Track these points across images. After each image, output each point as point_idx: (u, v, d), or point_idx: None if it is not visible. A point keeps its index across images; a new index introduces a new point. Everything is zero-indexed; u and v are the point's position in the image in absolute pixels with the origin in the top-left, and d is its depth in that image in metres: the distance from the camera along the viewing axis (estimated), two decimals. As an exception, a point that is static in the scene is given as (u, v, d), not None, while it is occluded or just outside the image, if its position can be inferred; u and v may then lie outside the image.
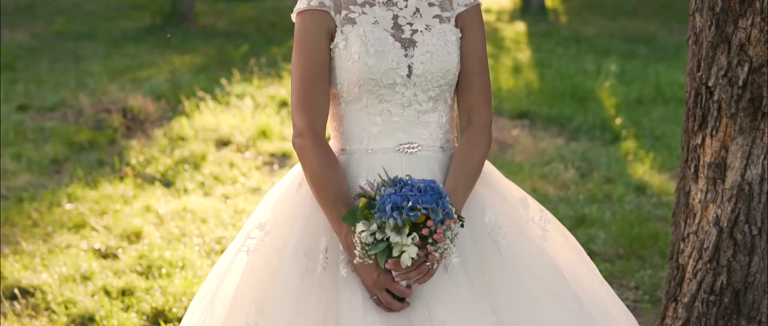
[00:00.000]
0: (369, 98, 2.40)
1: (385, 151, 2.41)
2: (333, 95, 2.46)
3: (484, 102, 2.46)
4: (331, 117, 2.50)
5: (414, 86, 2.40)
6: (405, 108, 2.40)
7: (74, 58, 11.23)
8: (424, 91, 2.41)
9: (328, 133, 2.49)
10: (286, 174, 2.61)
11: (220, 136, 7.12)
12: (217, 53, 11.40)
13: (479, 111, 2.46)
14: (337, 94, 2.45)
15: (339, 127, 2.48)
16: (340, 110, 2.46)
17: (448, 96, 2.48)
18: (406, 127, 2.41)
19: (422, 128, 2.42)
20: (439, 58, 2.39)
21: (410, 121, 2.41)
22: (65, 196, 5.82)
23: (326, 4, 2.41)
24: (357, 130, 2.43)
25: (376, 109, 2.40)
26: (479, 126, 2.45)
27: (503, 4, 16.14)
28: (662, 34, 14.01)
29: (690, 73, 2.86)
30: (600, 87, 9.34)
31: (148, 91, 8.65)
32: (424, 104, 2.42)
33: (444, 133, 2.47)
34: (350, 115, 2.44)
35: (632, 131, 7.55)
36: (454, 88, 2.48)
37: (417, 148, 2.42)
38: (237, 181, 6.16)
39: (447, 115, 2.48)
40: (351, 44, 2.38)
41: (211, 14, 15.08)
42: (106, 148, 6.97)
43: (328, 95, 2.43)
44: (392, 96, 2.39)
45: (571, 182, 6.19)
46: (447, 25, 2.44)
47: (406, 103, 2.40)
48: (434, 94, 2.42)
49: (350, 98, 2.42)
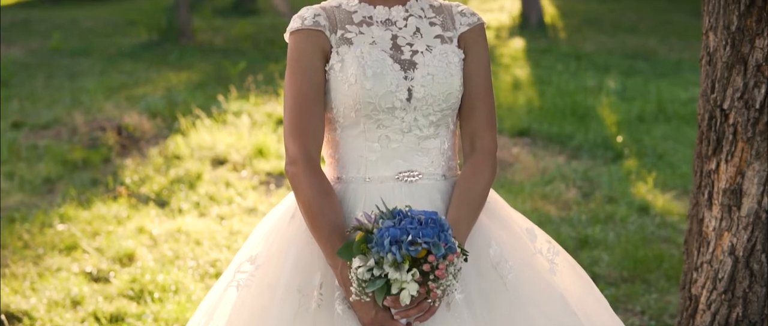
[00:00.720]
0: (366, 123, 2.26)
1: (384, 179, 2.28)
2: (328, 120, 2.33)
3: (488, 127, 2.33)
4: (326, 143, 2.36)
5: (414, 110, 2.26)
6: (405, 133, 2.27)
7: (70, 74, 11.14)
8: (425, 116, 2.27)
9: (322, 160, 2.36)
10: (279, 203, 2.48)
11: (216, 155, 7.01)
12: (215, 70, 11.31)
13: (483, 136, 2.32)
14: (332, 118, 2.31)
15: (334, 154, 2.34)
16: (335, 136, 2.32)
17: (451, 121, 2.34)
18: (406, 153, 2.28)
19: (423, 155, 2.29)
20: (441, 81, 2.26)
21: (410, 147, 2.28)
22: (57, 217, 5.70)
23: (321, 24, 2.28)
24: (354, 157, 2.29)
25: (374, 134, 2.27)
26: (483, 152, 2.32)
27: (502, 21, 16.06)
28: (662, 50, 13.94)
29: (703, 94, 2.72)
30: (601, 104, 9.24)
31: (144, 108, 8.55)
32: (425, 129, 2.28)
33: (446, 160, 2.34)
34: (346, 141, 2.30)
35: (634, 149, 7.45)
36: (456, 112, 2.35)
37: (417, 177, 2.28)
38: (233, 201, 6.04)
39: (449, 140, 2.34)
40: (347, 66, 2.24)
41: (208, 30, 15.00)
42: (101, 167, 6.86)
43: (322, 120, 2.29)
44: (391, 121, 2.26)
45: (573, 202, 6.07)
46: (449, 46, 2.31)
47: (405, 129, 2.27)
48: (436, 119, 2.29)
49: (346, 123, 2.29)
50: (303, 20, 2.29)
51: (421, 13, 2.35)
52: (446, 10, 2.39)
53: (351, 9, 2.32)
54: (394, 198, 2.22)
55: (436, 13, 2.37)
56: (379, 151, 2.27)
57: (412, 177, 2.28)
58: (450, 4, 2.41)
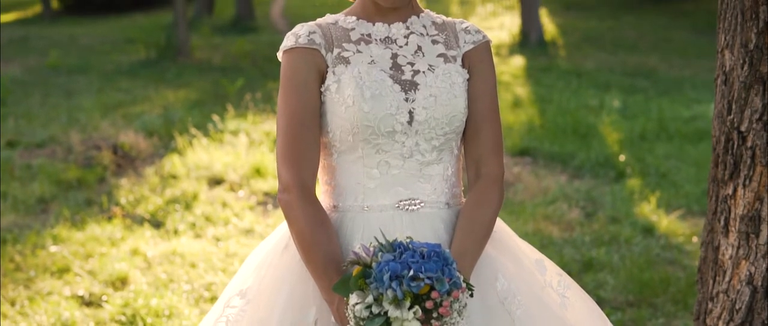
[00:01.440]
0: (365, 148, 2.11)
1: (383, 208, 2.12)
2: (324, 144, 2.17)
3: (494, 151, 2.18)
4: (322, 169, 2.20)
5: (416, 134, 2.11)
6: (405, 159, 2.12)
7: (67, 92, 11.05)
8: (428, 140, 2.12)
9: (318, 187, 2.20)
10: (271, 233, 2.33)
11: (213, 174, 6.90)
12: (212, 88, 11.22)
13: (489, 162, 2.17)
14: (328, 143, 2.16)
15: (331, 181, 2.19)
16: (331, 161, 2.17)
17: (454, 145, 2.19)
18: (407, 180, 2.13)
19: (425, 182, 2.14)
20: (444, 103, 2.11)
21: (411, 173, 2.13)
22: (51, 238, 5.58)
23: (316, 42, 2.14)
24: (351, 184, 2.14)
25: (373, 160, 2.12)
26: (489, 179, 2.16)
27: (502, 39, 15.99)
28: (663, 67, 13.87)
29: (719, 115, 2.60)
30: (602, 122, 9.14)
31: (140, 127, 8.45)
32: (428, 155, 2.13)
33: (450, 187, 2.18)
34: (343, 166, 2.15)
35: (636, 168, 7.34)
36: (460, 136, 2.20)
37: (419, 205, 2.13)
38: (229, 222, 5.93)
39: (453, 166, 2.19)
40: (344, 87, 2.10)
41: (206, 48, 14.93)
42: (95, 187, 6.74)
43: (318, 144, 2.14)
44: (391, 145, 2.11)
45: (576, 223, 5.96)
46: (453, 65, 2.17)
47: (406, 154, 2.12)
48: (439, 144, 2.14)
49: (343, 148, 2.14)
50: (297, 38, 2.15)
51: (422, 30, 2.21)
52: (450, 27, 2.25)
53: (348, 26, 2.18)
54: (394, 229, 2.08)
55: (438, 30, 2.23)
56: (378, 177, 2.13)
57: (413, 206, 2.13)
58: (453, 20, 2.28)
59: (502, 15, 20.45)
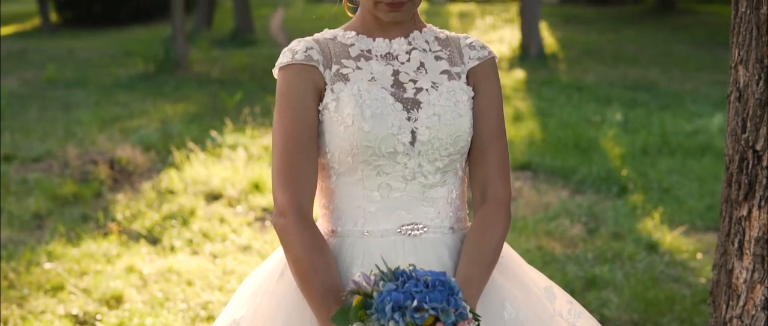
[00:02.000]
0: (365, 170, 1.99)
1: (384, 233, 2.01)
2: (322, 166, 2.06)
3: (501, 173, 2.06)
4: (320, 192, 2.09)
5: (418, 155, 1.99)
6: (408, 181, 2.01)
7: (64, 106, 10.99)
8: (431, 162, 2.01)
9: (315, 211, 2.10)
10: (267, 259, 2.21)
11: (211, 189, 6.82)
12: (211, 101, 11.16)
13: (496, 184, 2.05)
14: (326, 164, 2.04)
15: (329, 204, 2.07)
16: (330, 184, 2.05)
17: (459, 166, 2.07)
18: (409, 204, 2.01)
19: (428, 205, 2.03)
20: (449, 122, 2.00)
21: (414, 197, 2.02)
22: (45, 254, 5.49)
23: (314, 58, 2.02)
24: (350, 208, 2.03)
25: (374, 182, 2.00)
26: (496, 202, 2.04)
27: (502, 52, 15.95)
28: (663, 81, 13.82)
29: (732, 133, 2.50)
30: (603, 136, 9.07)
31: (138, 141, 8.38)
32: (431, 177, 2.02)
33: (454, 211, 2.07)
34: (342, 189, 2.03)
35: (639, 183, 7.26)
36: (465, 157, 2.08)
37: (422, 230, 2.02)
38: (226, 238, 5.84)
39: (457, 189, 2.08)
40: (343, 105, 1.97)
41: (205, 61, 14.88)
42: (91, 202, 6.66)
43: (315, 166, 2.01)
44: (393, 167, 1.99)
45: (579, 239, 5.87)
46: (457, 83, 2.05)
47: (409, 176, 2.00)
48: (442, 165, 2.02)
49: (342, 170, 2.02)
50: (294, 54, 2.03)
51: (425, 46, 2.10)
52: (454, 42, 2.14)
53: (347, 41, 2.08)
54: (396, 255, 1.97)
55: (442, 46, 2.12)
56: (379, 201, 2.01)
57: (416, 231, 2.02)
58: (458, 36, 2.17)
59: (502, 28, 20.43)
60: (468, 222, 2.14)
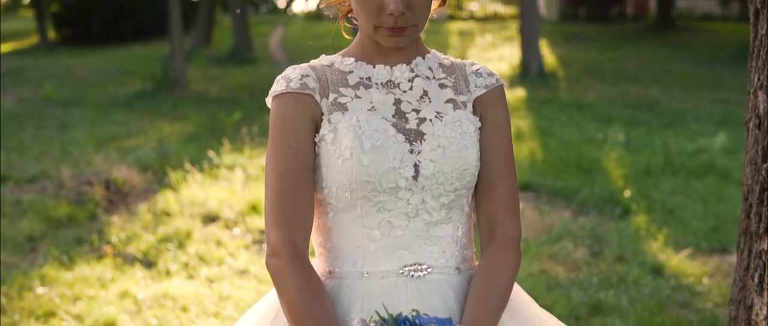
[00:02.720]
0: (364, 206, 1.85)
1: (386, 274, 1.86)
2: (318, 202, 1.91)
3: (510, 209, 1.91)
4: (316, 230, 1.94)
5: (422, 191, 1.85)
6: (410, 219, 1.86)
7: (60, 125, 10.90)
8: (435, 197, 1.86)
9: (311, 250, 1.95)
10: (259, 301, 2.06)
11: (208, 211, 6.71)
12: (209, 120, 11.07)
13: (504, 221, 1.90)
14: (323, 200, 1.90)
15: (326, 243, 1.93)
16: (327, 221, 1.91)
17: (465, 202, 1.93)
18: (412, 243, 1.86)
19: (433, 244, 1.88)
20: (454, 155, 1.85)
21: (417, 235, 1.87)
22: (38, 278, 5.38)
23: (310, 86, 1.88)
24: (349, 248, 1.88)
25: (374, 220, 1.85)
26: (505, 240, 1.89)
27: (502, 70, 15.88)
28: (664, 99, 13.77)
29: (751, 162, 2.37)
30: (606, 156, 8.97)
31: (134, 161, 8.27)
32: (435, 214, 1.87)
33: (460, 250, 1.93)
34: (340, 227, 1.89)
35: (642, 204, 7.16)
36: (472, 191, 1.94)
37: (426, 271, 1.87)
38: (223, 262, 5.72)
39: (464, 226, 1.94)
40: (341, 137, 1.83)
41: (203, 80, 14.81)
42: (86, 224, 6.54)
43: (311, 202, 1.87)
44: (394, 203, 1.84)
45: (582, 262, 5.76)
46: (463, 112, 1.90)
47: (412, 213, 1.86)
48: (448, 201, 1.88)
49: (340, 206, 1.87)
50: (288, 82, 1.90)
51: (429, 73, 1.95)
52: (459, 69, 2.00)
53: (346, 69, 1.93)
54: (398, 299, 1.82)
55: (446, 73, 1.98)
56: (379, 239, 1.86)
57: (419, 272, 1.87)
58: (463, 62, 2.03)
59: (502, 46, 20.39)
60: (475, 261, 2.00)
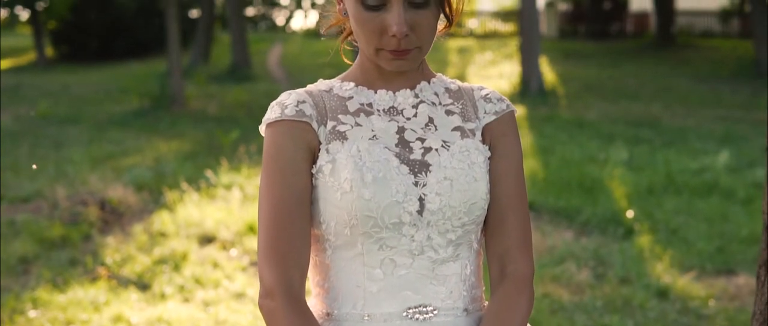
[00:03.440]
0: (365, 243, 1.69)
1: (388, 317, 1.71)
2: (316, 238, 1.76)
3: (522, 246, 1.77)
4: (313, 268, 1.80)
5: (427, 226, 1.70)
6: (415, 256, 1.70)
7: (56, 143, 10.80)
8: (442, 234, 1.71)
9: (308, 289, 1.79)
10: None
11: (204, 232, 6.59)
12: (206, 139, 10.97)
13: (516, 258, 1.76)
14: (321, 236, 1.75)
15: (324, 283, 1.77)
16: (325, 259, 1.76)
17: (474, 238, 1.78)
18: (417, 282, 1.71)
19: (439, 284, 1.73)
20: (462, 187, 1.71)
21: (422, 274, 1.71)
22: (30, 301, 5.26)
23: (306, 113, 1.73)
24: (349, 288, 1.73)
25: (376, 258, 1.70)
26: (517, 279, 1.75)
27: (502, 88, 15.80)
28: (666, 116, 13.69)
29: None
30: (608, 175, 8.86)
31: (130, 180, 8.17)
32: (442, 251, 1.72)
33: (468, 289, 1.77)
34: (339, 265, 1.73)
35: (646, 225, 7.05)
36: (481, 227, 1.79)
37: (432, 313, 1.72)
38: (219, 285, 5.60)
39: (472, 263, 1.79)
40: (340, 168, 1.68)
41: (201, 97, 14.72)
42: (80, 245, 6.43)
43: (308, 239, 1.71)
44: (397, 240, 1.69)
45: (586, 285, 5.65)
46: (471, 141, 1.75)
47: (416, 250, 1.70)
48: (455, 237, 1.73)
49: (339, 243, 1.72)
50: (283, 109, 1.75)
51: (434, 98, 1.80)
52: (467, 94, 1.84)
53: (345, 94, 1.78)
54: None
55: (453, 98, 1.82)
56: (381, 279, 1.71)
57: (424, 314, 1.72)
58: (471, 87, 1.87)
59: (502, 63, 20.32)
60: (485, 301, 1.86)
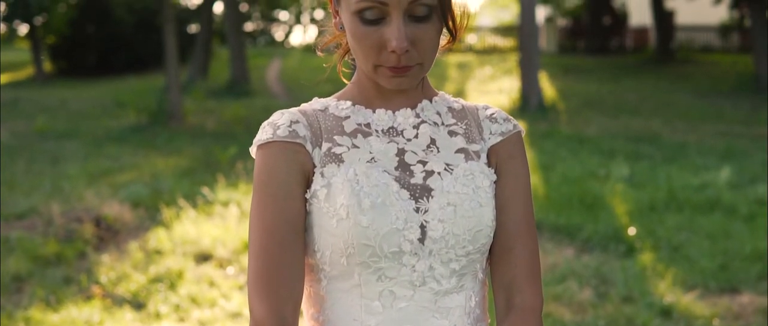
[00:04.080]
0: (363, 274, 1.57)
1: None
2: (310, 268, 1.63)
3: (530, 275, 1.64)
4: (307, 300, 1.67)
5: (429, 256, 1.57)
6: (416, 288, 1.58)
7: (52, 159, 10.72)
8: (445, 263, 1.58)
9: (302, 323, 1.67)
10: None
11: (201, 250, 6.50)
12: (204, 155, 10.89)
13: (524, 288, 1.63)
14: (315, 266, 1.61)
15: (318, 315, 1.64)
16: (319, 290, 1.63)
17: (479, 267, 1.65)
18: (418, 316, 1.58)
19: (441, 317, 1.59)
20: (467, 214, 1.58)
21: (424, 307, 1.58)
22: (23, 321, 5.17)
23: (300, 134, 1.60)
24: (345, 321, 1.60)
25: (374, 289, 1.57)
26: (524, 311, 1.62)
27: (502, 103, 15.75)
28: (666, 131, 13.63)
29: None
30: (609, 192, 8.78)
31: (126, 197, 8.08)
32: (445, 282, 1.59)
33: (473, 322, 1.65)
34: (335, 297, 1.60)
35: (648, 242, 6.96)
36: (486, 255, 1.66)
37: None
38: (216, 304, 5.51)
39: (477, 295, 1.66)
40: (336, 193, 1.55)
41: (199, 112, 14.66)
42: (74, 263, 6.34)
43: (301, 269, 1.58)
44: (397, 270, 1.56)
45: (588, 304, 5.56)
46: (476, 164, 1.63)
47: (417, 281, 1.58)
48: (459, 267, 1.60)
49: (335, 273, 1.59)
50: (275, 129, 1.61)
51: (437, 118, 1.67)
52: (471, 114, 1.72)
53: (341, 113, 1.65)
54: None
55: (457, 118, 1.70)
56: (380, 312, 1.58)
57: None
58: (475, 106, 1.74)
59: (501, 79, 20.28)
60: None
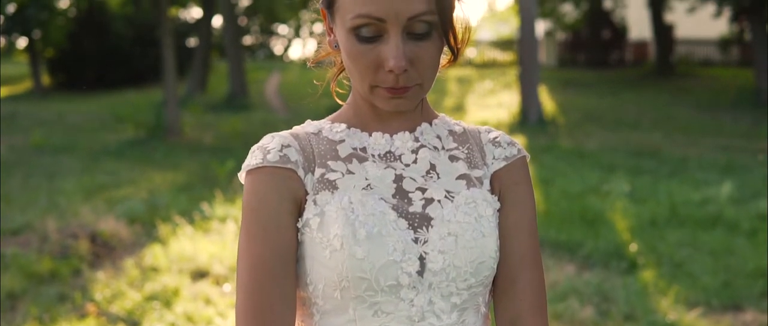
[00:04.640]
0: (358, 308, 1.46)
1: None
2: (301, 301, 1.53)
3: (536, 308, 1.55)
4: None
5: (429, 289, 1.46)
6: (415, 324, 1.46)
7: (49, 174, 10.65)
8: (445, 297, 1.48)
9: None
10: None
11: (197, 267, 6.42)
12: (201, 170, 10.82)
13: (529, 322, 1.54)
14: (307, 299, 1.51)
15: None
16: (312, 324, 1.52)
17: (482, 301, 1.54)
18: None
19: None
20: (469, 244, 1.47)
21: None
22: (16, 339, 5.09)
23: (291, 159, 1.49)
24: None
25: (370, 325, 1.46)
26: None
27: (501, 117, 15.69)
28: (666, 146, 13.57)
29: None
30: (610, 207, 8.70)
31: (122, 213, 8.00)
32: (445, 317, 1.48)
33: None
34: None
35: (649, 258, 6.88)
36: (489, 288, 1.56)
37: None
38: (211, 322, 5.43)
39: None
40: (329, 222, 1.44)
41: (198, 127, 14.60)
42: (69, 280, 6.26)
43: (292, 303, 1.47)
44: (395, 305, 1.45)
45: (590, 322, 5.47)
46: (478, 191, 1.53)
47: (416, 317, 1.46)
48: (460, 301, 1.49)
49: (328, 307, 1.48)
50: (265, 154, 1.50)
51: (437, 142, 1.57)
52: (473, 137, 1.61)
53: (336, 137, 1.55)
54: None
55: (458, 142, 1.59)
56: None
57: None
58: (478, 129, 1.64)
59: (501, 93, 20.23)
60: None
